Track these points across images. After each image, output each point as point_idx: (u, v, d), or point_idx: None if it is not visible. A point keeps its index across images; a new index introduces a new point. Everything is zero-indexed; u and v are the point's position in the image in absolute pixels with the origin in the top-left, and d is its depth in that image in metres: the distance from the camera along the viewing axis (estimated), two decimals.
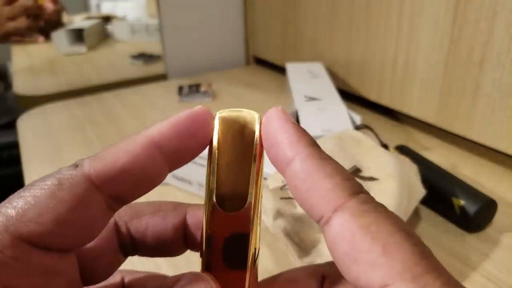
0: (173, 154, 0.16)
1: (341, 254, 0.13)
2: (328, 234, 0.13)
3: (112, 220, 0.17)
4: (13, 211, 0.13)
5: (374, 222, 0.12)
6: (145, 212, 0.18)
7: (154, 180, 0.16)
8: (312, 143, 0.15)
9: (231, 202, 0.16)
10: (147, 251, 0.18)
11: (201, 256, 0.16)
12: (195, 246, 0.18)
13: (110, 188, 0.15)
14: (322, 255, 0.30)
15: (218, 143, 0.16)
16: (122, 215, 0.18)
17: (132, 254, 0.18)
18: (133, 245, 0.18)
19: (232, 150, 0.16)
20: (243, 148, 0.16)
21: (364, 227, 0.12)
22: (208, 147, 0.16)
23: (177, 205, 0.19)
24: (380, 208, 0.13)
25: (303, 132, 0.15)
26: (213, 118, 0.16)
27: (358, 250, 0.12)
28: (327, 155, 0.15)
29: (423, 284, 0.11)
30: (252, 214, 0.15)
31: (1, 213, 0.13)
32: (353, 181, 0.14)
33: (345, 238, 0.12)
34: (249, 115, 0.16)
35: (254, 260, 0.16)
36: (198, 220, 0.18)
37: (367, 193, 0.14)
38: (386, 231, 0.12)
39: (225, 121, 0.16)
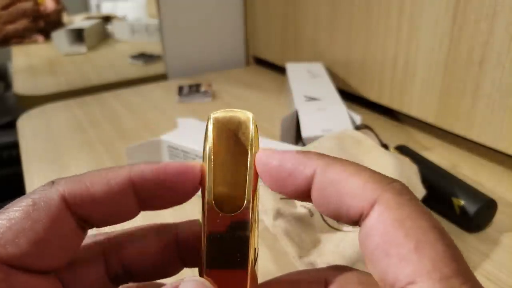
0: (148, 198, 0.16)
1: (372, 246, 0.13)
2: (363, 226, 0.13)
3: (98, 249, 0.17)
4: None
5: (408, 216, 0.12)
6: (131, 240, 0.17)
7: (124, 215, 0.16)
8: (321, 154, 0.15)
9: (229, 202, 0.16)
10: (142, 277, 0.18)
11: (200, 255, 0.16)
12: (191, 262, 0.18)
13: (81, 211, 0.15)
14: (323, 255, 0.30)
15: (213, 144, 0.16)
16: (107, 246, 0.17)
17: (126, 282, 0.18)
18: (125, 273, 0.17)
19: (228, 151, 0.16)
20: (239, 149, 0.16)
21: (398, 221, 0.12)
22: (203, 148, 0.16)
23: (161, 227, 0.18)
24: (414, 201, 0.13)
25: (306, 151, 0.15)
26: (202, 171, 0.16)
27: (390, 243, 0.12)
28: (342, 159, 0.15)
29: (450, 286, 0.11)
30: (250, 215, 0.15)
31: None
32: (380, 174, 0.14)
33: (379, 230, 0.12)
34: (243, 115, 0.16)
35: (254, 260, 0.16)
36: (190, 235, 0.18)
37: (399, 182, 0.14)
38: (420, 228, 0.12)
39: (220, 122, 0.16)
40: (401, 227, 0.12)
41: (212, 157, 0.16)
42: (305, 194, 0.15)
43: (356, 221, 0.14)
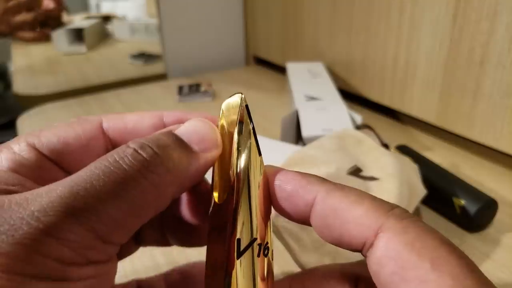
0: None
1: (388, 274, 0.13)
2: (373, 256, 0.13)
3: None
4: (36, 132, 0.17)
5: (417, 237, 0.12)
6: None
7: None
8: (323, 179, 0.15)
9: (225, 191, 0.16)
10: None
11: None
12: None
13: (113, 135, 0.18)
14: (323, 255, 0.30)
15: (221, 131, 0.17)
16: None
17: None
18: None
19: (228, 138, 0.16)
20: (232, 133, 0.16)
21: (409, 244, 0.12)
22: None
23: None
24: (418, 222, 0.13)
25: (309, 174, 0.15)
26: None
27: (406, 267, 0.12)
28: (343, 184, 0.15)
29: None
30: (234, 203, 0.15)
31: (29, 132, 0.17)
32: (380, 200, 0.14)
33: (392, 257, 0.12)
34: (234, 100, 0.17)
35: (261, 252, 0.16)
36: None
37: (397, 206, 0.14)
38: (431, 246, 0.12)
39: (225, 109, 0.17)
40: (412, 250, 0.12)
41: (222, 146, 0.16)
42: (303, 219, 0.15)
43: (358, 250, 0.14)
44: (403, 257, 0.12)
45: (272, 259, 0.16)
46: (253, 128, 0.16)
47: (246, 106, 0.16)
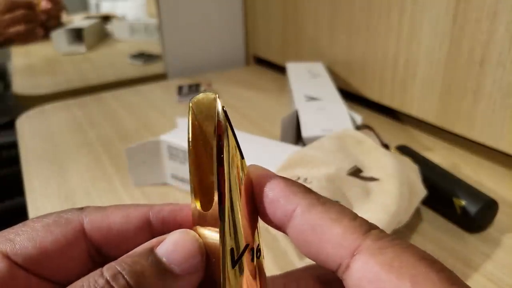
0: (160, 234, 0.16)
1: None
2: (351, 279, 0.13)
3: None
4: (11, 234, 0.15)
5: (394, 256, 0.12)
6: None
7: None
8: (307, 190, 0.15)
9: (206, 198, 0.15)
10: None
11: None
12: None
13: (96, 237, 0.16)
14: None
15: (193, 133, 0.15)
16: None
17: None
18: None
19: (203, 140, 0.15)
20: (210, 135, 0.15)
21: (386, 264, 0.12)
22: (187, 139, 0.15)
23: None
24: (395, 241, 0.13)
25: (294, 182, 0.15)
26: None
27: None
28: (326, 198, 0.15)
29: None
30: (220, 210, 0.14)
31: (3, 233, 0.15)
32: (360, 220, 0.14)
33: (371, 280, 0.12)
34: (209, 96, 0.15)
35: (254, 256, 0.15)
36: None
37: (376, 227, 0.14)
38: (409, 263, 0.12)
39: (195, 108, 0.15)
40: (391, 269, 0.12)
41: (191, 149, 0.15)
42: (280, 228, 0.15)
43: (334, 270, 0.14)
44: (381, 278, 0.12)
45: (263, 258, 0.16)
46: (233, 130, 0.15)
47: (225, 110, 0.15)
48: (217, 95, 0.15)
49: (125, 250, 0.15)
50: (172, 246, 0.14)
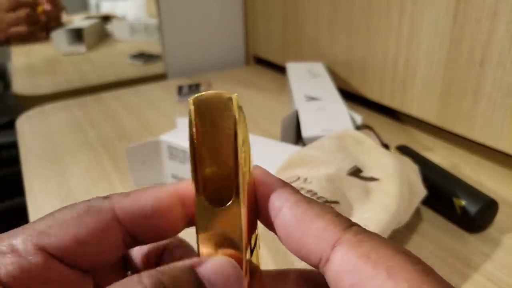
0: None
1: (347, 287, 0.13)
2: (330, 270, 0.13)
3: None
4: (42, 226, 0.15)
5: (372, 249, 0.13)
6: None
7: (171, 229, 0.16)
8: (295, 190, 0.15)
9: (220, 194, 0.15)
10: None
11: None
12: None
13: (130, 224, 0.16)
14: None
15: (197, 130, 0.15)
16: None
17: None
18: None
19: (213, 137, 0.15)
20: (225, 133, 0.15)
21: (364, 256, 0.13)
22: (188, 138, 0.15)
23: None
24: (374, 236, 0.13)
25: (285, 182, 0.16)
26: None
27: (363, 279, 0.12)
28: (311, 198, 0.15)
29: None
30: (240, 207, 0.14)
31: (32, 226, 0.15)
32: (342, 217, 0.14)
33: (348, 270, 0.13)
34: (224, 95, 0.14)
35: (251, 250, 0.16)
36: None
37: (358, 225, 0.14)
38: (386, 255, 0.13)
39: (201, 103, 0.14)
40: (368, 261, 0.13)
41: (197, 146, 0.15)
42: (267, 225, 0.15)
43: (315, 265, 0.14)
44: (359, 268, 0.13)
45: (260, 248, 0.17)
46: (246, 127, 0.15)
47: (240, 107, 0.14)
48: (235, 94, 0.14)
49: (156, 233, 0.16)
50: (215, 269, 0.14)
